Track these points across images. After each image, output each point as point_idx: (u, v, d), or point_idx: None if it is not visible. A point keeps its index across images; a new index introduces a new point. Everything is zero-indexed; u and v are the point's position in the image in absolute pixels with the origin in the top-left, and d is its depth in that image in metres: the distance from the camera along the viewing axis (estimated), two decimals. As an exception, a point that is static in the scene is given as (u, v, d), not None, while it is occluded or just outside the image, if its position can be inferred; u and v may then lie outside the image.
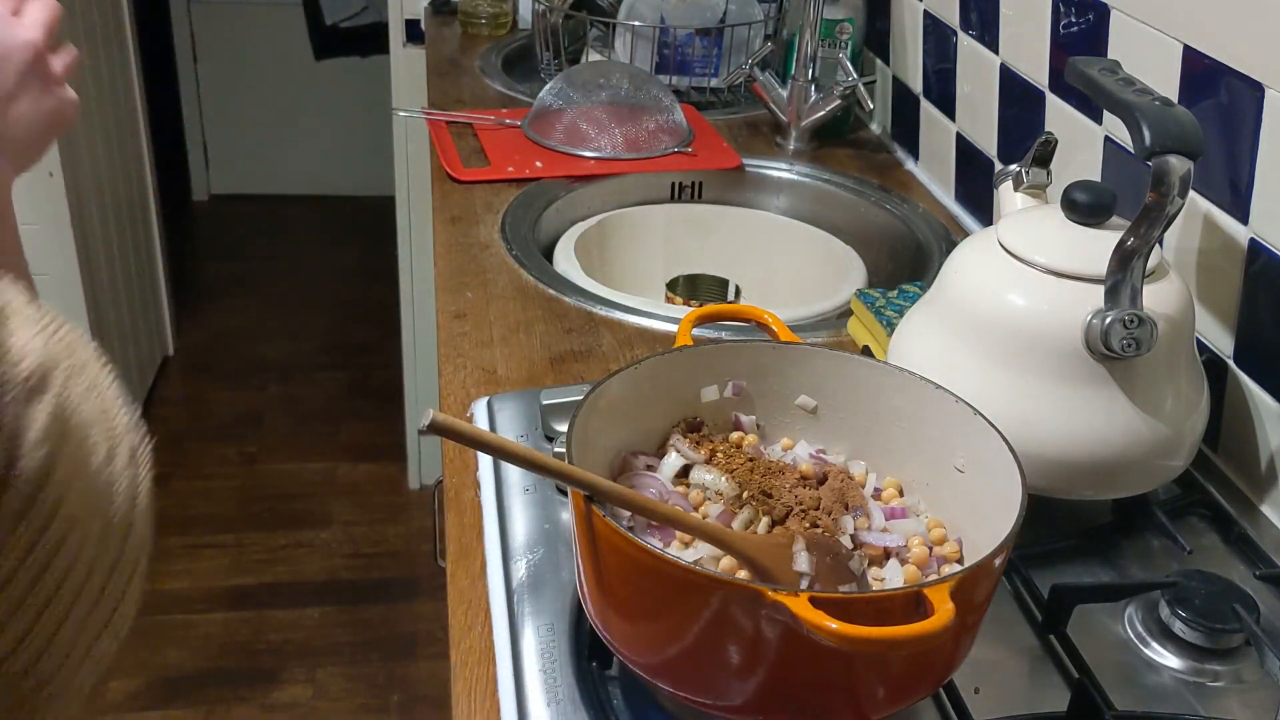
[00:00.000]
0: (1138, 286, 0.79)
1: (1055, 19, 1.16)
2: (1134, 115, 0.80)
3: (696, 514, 0.71)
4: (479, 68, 1.83)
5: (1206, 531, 0.90)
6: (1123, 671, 0.76)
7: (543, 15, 1.76)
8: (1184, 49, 0.96)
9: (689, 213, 1.49)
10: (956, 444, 0.72)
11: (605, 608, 0.66)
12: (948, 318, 0.88)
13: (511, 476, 0.90)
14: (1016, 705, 0.72)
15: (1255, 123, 0.88)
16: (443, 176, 1.43)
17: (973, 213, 1.39)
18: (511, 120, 1.56)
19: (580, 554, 0.67)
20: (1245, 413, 0.93)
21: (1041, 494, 0.80)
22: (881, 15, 1.61)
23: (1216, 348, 0.95)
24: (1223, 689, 0.76)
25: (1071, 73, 0.89)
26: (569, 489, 0.64)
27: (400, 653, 2.22)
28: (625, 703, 0.71)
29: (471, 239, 1.28)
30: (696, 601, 0.59)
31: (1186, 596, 0.78)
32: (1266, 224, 0.89)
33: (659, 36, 1.71)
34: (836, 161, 1.55)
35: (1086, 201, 0.85)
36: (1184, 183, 0.77)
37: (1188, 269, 0.97)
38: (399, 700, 2.13)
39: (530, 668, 0.73)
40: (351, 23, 3.67)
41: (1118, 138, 1.07)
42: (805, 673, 0.60)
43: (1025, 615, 0.81)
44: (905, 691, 0.63)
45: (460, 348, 1.08)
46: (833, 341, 1.12)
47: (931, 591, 0.56)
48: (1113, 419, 0.82)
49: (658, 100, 1.53)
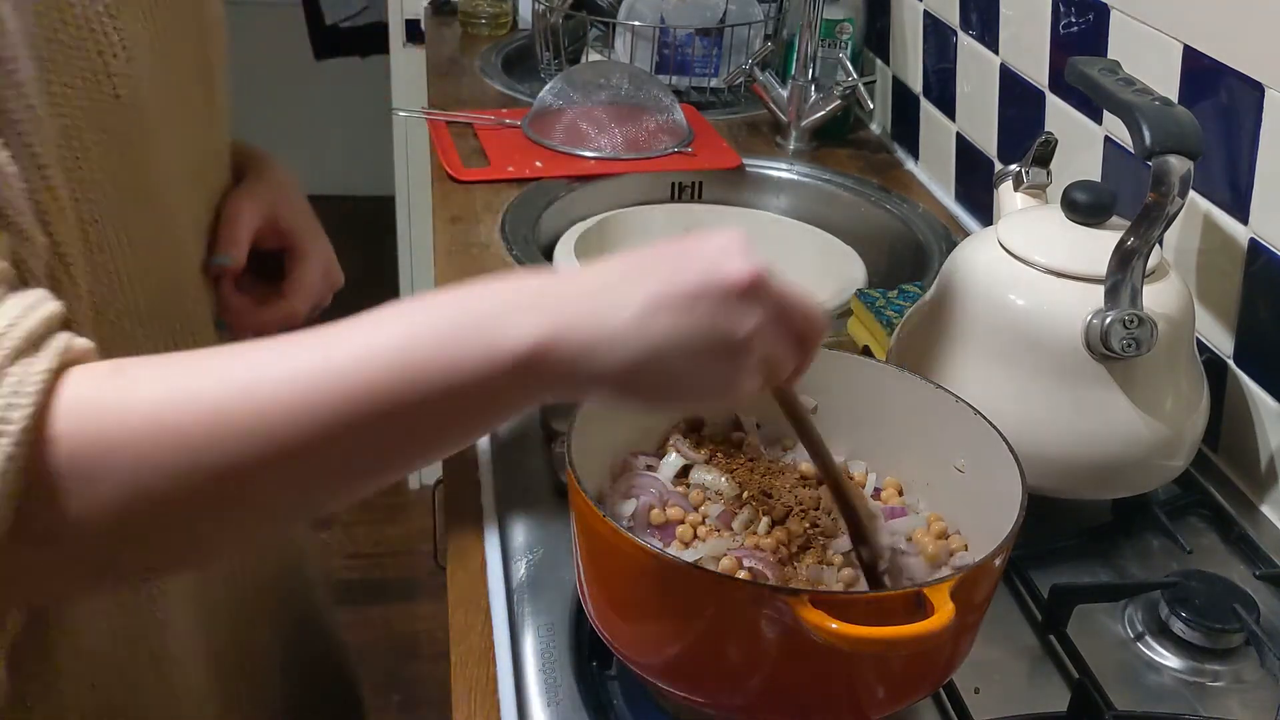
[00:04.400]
0: (1138, 286, 0.79)
1: (1055, 19, 1.16)
2: (1134, 115, 0.80)
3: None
4: (479, 68, 1.83)
5: (1206, 531, 0.90)
6: (1123, 671, 0.76)
7: (543, 15, 1.76)
8: (1184, 49, 0.96)
9: (689, 213, 1.48)
10: (956, 444, 0.72)
11: (605, 608, 0.66)
12: (948, 318, 0.88)
13: (511, 476, 0.90)
14: (1016, 705, 0.72)
15: (1255, 123, 0.88)
16: (443, 176, 1.43)
17: (973, 213, 1.39)
18: (511, 120, 1.56)
19: (580, 554, 0.67)
20: (1245, 413, 0.93)
21: (1041, 494, 0.80)
22: (881, 15, 1.61)
23: (1216, 348, 0.95)
24: (1223, 689, 0.76)
25: (1071, 73, 0.89)
26: (569, 489, 0.64)
27: (400, 653, 2.22)
28: (625, 703, 0.71)
29: (471, 239, 1.28)
30: (696, 601, 0.59)
31: (1186, 596, 0.78)
32: (1266, 224, 0.89)
33: (659, 36, 1.71)
34: (836, 161, 1.55)
35: (1086, 201, 0.85)
36: (1184, 183, 0.77)
37: (1188, 269, 0.97)
38: (399, 700, 2.13)
39: (530, 668, 0.73)
40: (351, 23, 3.66)
41: (1118, 138, 1.07)
42: (805, 673, 0.60)
43: (1025, 615, 0.81)
44: (905, 691, 0.64)
45: (460, 348, 1.08)
46: (833, 342, 1.12)
47: (931, 591, 0.56)
48: (1113, 419, 0.82)
49: (658, 100, 1.53)
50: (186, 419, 0.46)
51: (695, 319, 0.51)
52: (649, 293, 0.51)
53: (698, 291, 0.51)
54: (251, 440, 0.47)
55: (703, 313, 0.51)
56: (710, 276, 0.52)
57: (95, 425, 0.45)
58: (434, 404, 0.49)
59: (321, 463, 0.49)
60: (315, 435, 0.47)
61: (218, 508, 0.49)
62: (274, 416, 0.47)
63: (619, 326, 0.51)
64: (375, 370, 0.48)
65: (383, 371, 0.48)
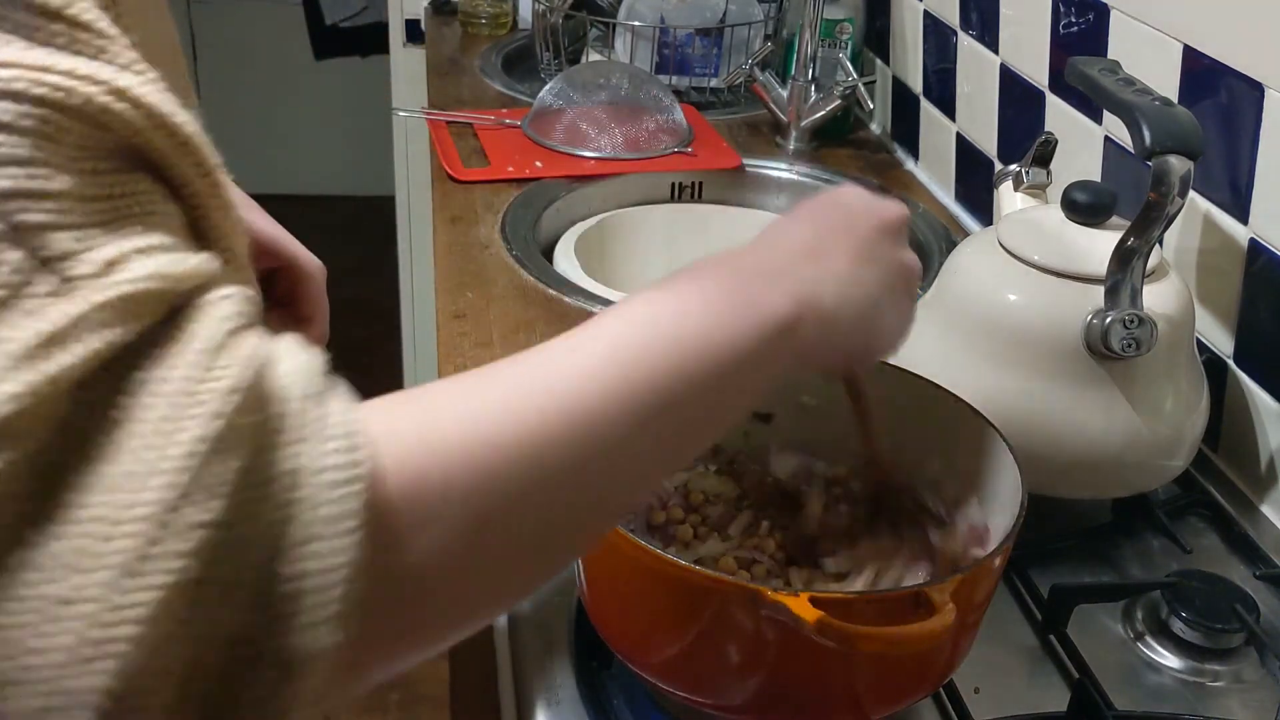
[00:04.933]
0: (1138, 286, 0.79)
1: (1055, 19, 1.16)
2: (1134, 115, 0.80)
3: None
4: (479, 68, 1.83)
5: (1206, 531, 0.90)
6: (1123, 671, 0.76)
7: (543, 15, 1.76)
8: (1184, 49, 0.96)
9: (689, 213, 1.48)
10: (957, 444, 0.72)
11: (605, 608, 0.66)
12: (948, 318, 0.88)
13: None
14: (1016, 705, 0.72)
15: (1255, 123, 0.88)
16: (443, 176, 1.43)
17: (973, 213, 1.39)
18: (511, 120, 1.56)
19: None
20: (1245, 413, 0.93)
21: (1041, 494, 0.80)
22: (881, 15, 1.61)
23: (1216, 348, 0.95)
24: (1223, 689, 0.76)
25: (1071, 73, 0.89)
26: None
27: (400, 653, 2.22)
28: (625, 703, 0.71)
29: (471, 239, 1.28)
30: (696, 601, 0.59)
31: (1186, 596, 0.78)
32: (1266, 224, 0.89)
33: (659, 36, 1.71)
34: (836, 161, 1.55)
35: (1086, 201, 0.85)
36: (1184, 183, 0.77)
37: (1188, 269, 0.97)
38: (399, 700, 2.13)
39: (530, 668, 0.73)
40: (351, 23, 3.66)
41: (1118, 138, 1.07)
42: (805, 673, 0.60)
43: (1025, 615, 0.81)
44: (905, 691, 0.64)
45: (460, 348, 1.08)
46: (833, 341, 1.12)
47: (932, 591, 0.56)
48: (1113, 419, 0.82)
49: (658, 100, 1.53)
50: (505, 437, 0.41)
51: (887, 262, 0.57)
52: (849, 247, 0.55)
53: (879, 236, 0.57)
54: (570, 445, 0.43)
55: (887, 253, 0.57)
56: (879, 219, 0.57)
57: (417, 463, 0.39)
58: (718, 378, 0.48)
59: (636, 452, 0.46)
60: (628, 426, 0.45)
61: (560, 515, 0.44)
62: (583, 419, 0.43)
63: (845, 284, 0.54)
64: (659, 356, 0.46)
65: (666, 356, 0.46)
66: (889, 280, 0.57)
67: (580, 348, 0.46)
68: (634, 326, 0.47)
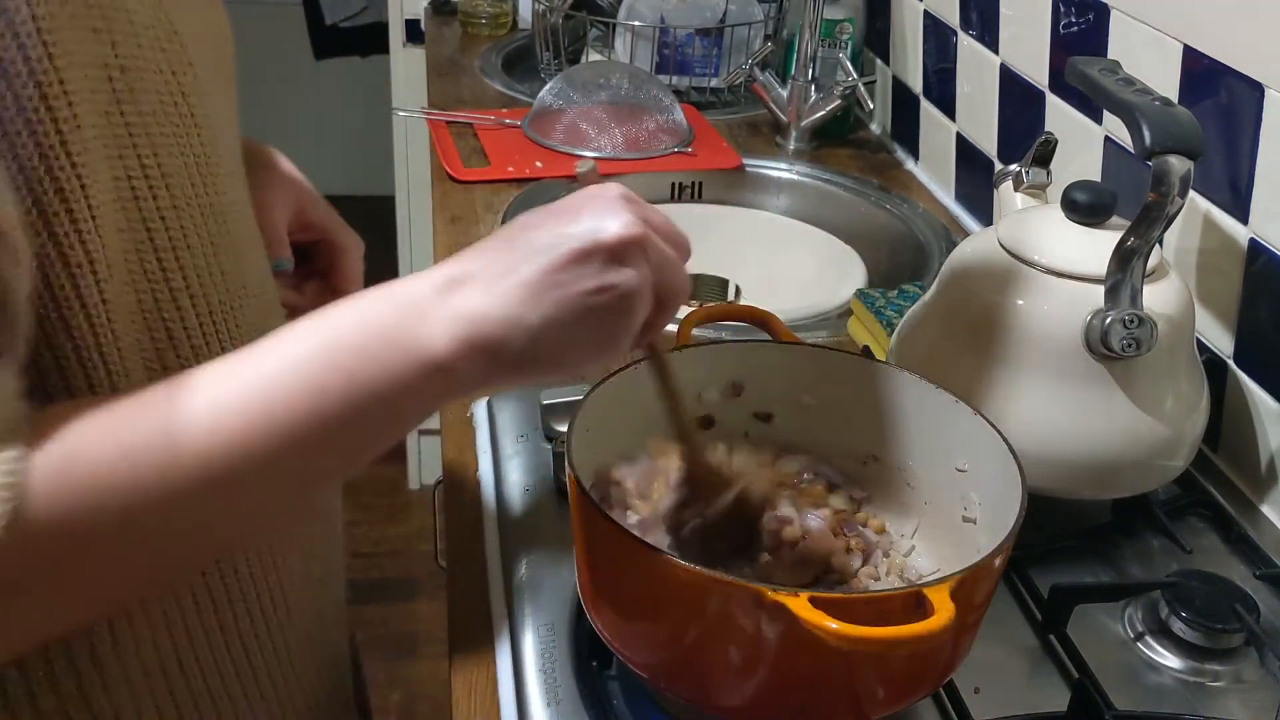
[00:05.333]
0: (1138, 286, 0.79)
1: (1055, 19, 1.16)
2: (1134, 115, 0.80)
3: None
4: (479, 68, 1.83)
5: (1206, 531, 0.90)
6: (1123, 671, 0.76)
7: (543, 15, 1.76)
8: (1184, 49, 0.96)
9: (689, 213, 1.48)
10: (956, 444, 0.72)
11: (605, 608, 0.66)
12: (948, 318, 0.88)
13: (511, 476, 0.90)
14: (1016, 705, 0.72)
15: (1255, 123, 0.88)
16: (443, 176, 1.43)
17: (973, 213, 1.39)
18: (511, 120, 1.56)
19: (580, 553, 0.67)
20: (1245, 413, 0.93)
21: (1041, 494, 0.80)
22: (881, 15, 1.61)
23: (1216, 348, 0.95)
24: (1223, 689, 0.76)
25: (1071, 73, 0.89)
26: (569, 489, 0.64)
27: (400, 653, 2.22)
28: (625, 703, 0.71)
29: (472, 239, 1.28)
30: (696, 601, 0.59)
31: (1186, 596, 0.78)
32: (1266, 224, 0.89)
33: (659, 36, 1.71)
34: (836, 161, 1.55)
35: (1086, 201, 0.85)
36: (1184, 183, 0.77)
37: (1188, 269, 0.97)
38: (399, 700, 2.13)
39: (530, 668, 0.73)
40: (351, 23, 3.66)
41: (1118, 138, 1.07)
42: (805, 673, 0.60)
43: (1025, 615, 0.81)
44: (905, 691, 0.63)
45: (460, 348, 1.08)
46: (833, 341, 1.12)
47: (932, 591, 0.56)
48: (1113, 419, 0.82)
49: (658, 100, 1.53)
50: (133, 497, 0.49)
51: (582, 286, 0.53)
52: (538, 268, 0.53)
53: (581, 257, 0.54)
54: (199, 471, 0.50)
55: (589, 276, 0.54)
56: (590, 241, 0.54)
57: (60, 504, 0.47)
58: (360, 416, 0.52)
59: (262, 497, 0.53)
60: (259, 473, 0.51)
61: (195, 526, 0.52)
62: (212, 477, 0.50)
63: (521, 311, 0.53)
64: (303, 392, 0.51)
65: (311, 393, 0.51)
66: (582, 304, 0.54)
67: (218, 397, 0.50)
68: (278, 372, 0.51)
